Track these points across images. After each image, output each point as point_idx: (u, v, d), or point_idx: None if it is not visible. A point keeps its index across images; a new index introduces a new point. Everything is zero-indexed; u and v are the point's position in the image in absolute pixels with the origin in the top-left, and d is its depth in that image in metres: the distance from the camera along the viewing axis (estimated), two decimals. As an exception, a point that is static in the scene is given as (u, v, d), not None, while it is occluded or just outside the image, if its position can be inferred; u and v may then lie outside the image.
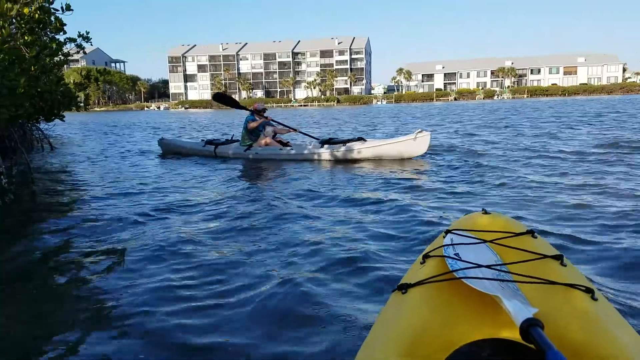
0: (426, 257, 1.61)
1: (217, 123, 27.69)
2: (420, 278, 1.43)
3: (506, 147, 9.33)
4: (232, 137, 9.67)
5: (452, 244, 1.61)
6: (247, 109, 9.24)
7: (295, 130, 8.96)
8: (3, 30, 4.95)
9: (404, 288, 1.41)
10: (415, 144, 7.71)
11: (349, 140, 8.27)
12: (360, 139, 8.29)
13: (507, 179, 5.79)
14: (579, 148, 8.55)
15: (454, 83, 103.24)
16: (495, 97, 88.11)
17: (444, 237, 1.72)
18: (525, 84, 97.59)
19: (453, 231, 1.73)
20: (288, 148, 8.59)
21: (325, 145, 8.29)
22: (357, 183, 6.01)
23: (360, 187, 5.72)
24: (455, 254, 1.52)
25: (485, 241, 1.64)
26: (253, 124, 8.72)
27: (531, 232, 1.67)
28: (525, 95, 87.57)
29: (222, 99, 9.47)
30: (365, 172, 6.91)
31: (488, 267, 1.41)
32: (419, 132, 7.70)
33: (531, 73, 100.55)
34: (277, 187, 6.00)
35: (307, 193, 5.46)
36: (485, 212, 1.84)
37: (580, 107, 29.87)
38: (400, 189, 5.45)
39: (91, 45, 8.93)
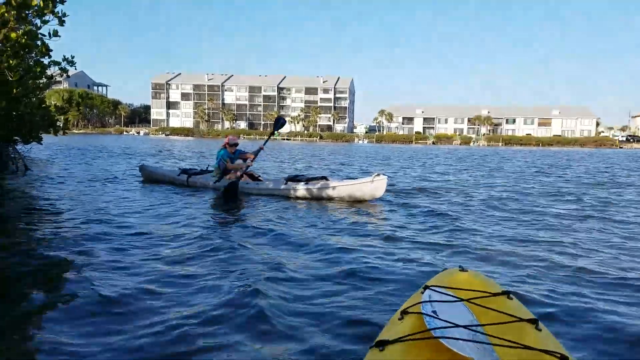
0: (404, 312, 1.63)
1: (195, 151, 27.62)
2: (399, 335, 1.44)
3: (479, 196, 9.54)
4: (207, 168, 9.87)
5: (430, 301, 1.64)
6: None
7: (262, 148, 9.15)
8: (-12, 54, 4.97)
9: (382, 345, 1.41)
10: (373, 186, 7.96)
11: (312, 179, 8.54)
12: (323, 177, 8.61)
13: (479, 230, 5.85)
14: (551, 201, 8.80)
15: (433, 127, 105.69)
16: (472, 144, 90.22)
17: (422, 292, 1.74)
18: (501, 133, 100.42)
19: (431, 287, 1.75)
20: (254, 182, 8.81)
21: (289, 182, 8.52)
22: (323, 225, 5.96)
23: (326, 230, 5.66)
24: (433, 312, 1.54)
25: (462, 300, 1.67)
26: (231, 166, 8.94)
27: (507, 293, 1.71)
28: (500, 144, 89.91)
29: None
30: (331, 213, 6.95)
31: (465, 327, 1.43)
32: (377, 175, 7.98)
33: (506, 122, 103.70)
34: (238, 222, 6.13)
35: (269, 232, 5.43)
36: (462, 270, 1.88)
37: (551, 158, 30.78)
38: (368, 236, 5.38)
39: (75, 69, 8.96)
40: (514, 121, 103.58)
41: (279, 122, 9.83)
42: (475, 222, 6.40)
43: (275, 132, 9.92)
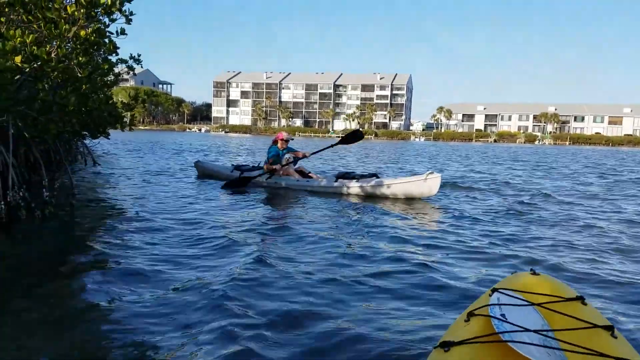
0: (471, 314, 1.59)
1: (250, 148, 28.16)
2: (465, 337, 1.41)
3: (546, 196, 9.02)
4: (259, 164, 10.02)
5: (498, 304, 1.58)
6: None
7: (305, 155, 9.01)
8: (59, 50, 5.17)
9: (447, 346, 1.39)
10: (426, 184, 7.75)
11: (362, 176, 8.40)
12: (373, 175, 8.44)
13: (549, 232, 5.53)
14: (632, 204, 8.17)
15: (495, 125, 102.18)
16: (537, 142, 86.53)
17: (490, 295, 1.69)
18: (568, 131, 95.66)
19: (500, 290, 1.69)
20: (305, 179, 8.77)
21: (340, 180, 8.40)
22: (381, 226, 5.71)
23: (385, 230, 5.44)
24: (501, 315, 1.48)
25: (533, 304, 1.60)
26: (267, 167, 8.98)
27: (581, 299, 1.63)
28: (567, 142, 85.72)
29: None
30: (384, 213, 6.71)
31: (535, 332, 1.38)
32: (430, 173, 7.76)
33: (575, 120, 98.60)
34: (288, 220, 6.03)
35: (321, 231, 5.31)
36: (534, 273, 1.79)
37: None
38: (426, 236, 5.17)
39: (141, 67, 9.26)
40: (582, 119, 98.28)
41: (356, 135, 9.20)
42: (544, 224, 6.02)
43: (334, 144, 9.25)
